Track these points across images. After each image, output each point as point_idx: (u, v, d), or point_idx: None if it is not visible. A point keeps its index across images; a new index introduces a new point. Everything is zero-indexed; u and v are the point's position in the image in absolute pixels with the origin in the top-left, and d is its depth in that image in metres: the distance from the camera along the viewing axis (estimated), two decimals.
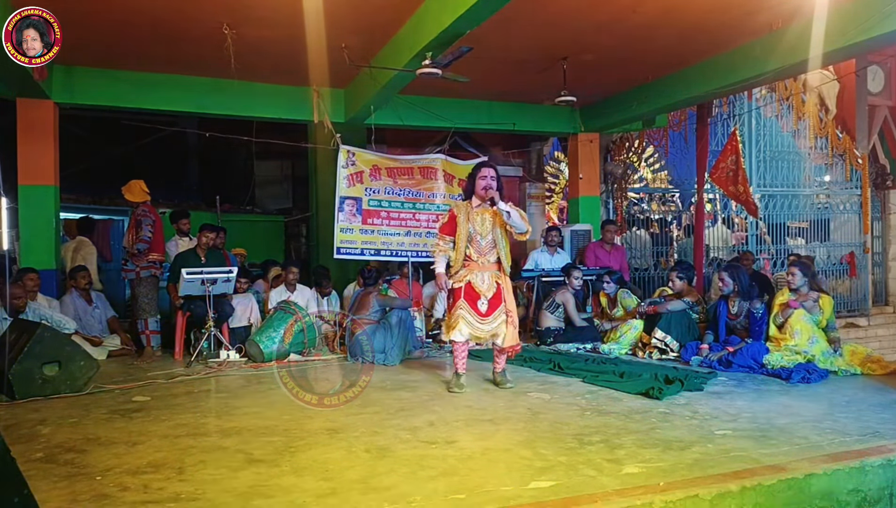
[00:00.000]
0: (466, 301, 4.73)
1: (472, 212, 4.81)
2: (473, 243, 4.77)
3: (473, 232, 4.78)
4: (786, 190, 10.57)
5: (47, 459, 3.29)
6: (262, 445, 3.50)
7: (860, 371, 5.24)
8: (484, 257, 4.79)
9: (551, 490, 2.75)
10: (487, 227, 4.81)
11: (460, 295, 4.75)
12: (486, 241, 4.80)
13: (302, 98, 7.63)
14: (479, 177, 4.76)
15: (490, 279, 4.78)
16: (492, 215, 4.81)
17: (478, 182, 4.77)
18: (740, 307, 5.91)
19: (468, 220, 4.78)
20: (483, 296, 4.73)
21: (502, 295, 4.79)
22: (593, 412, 4.14)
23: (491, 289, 4.76)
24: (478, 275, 4.76)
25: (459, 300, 4.74)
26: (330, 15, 5.51)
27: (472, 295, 4.73)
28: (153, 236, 6.47)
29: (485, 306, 4.73)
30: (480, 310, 4.72)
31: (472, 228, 4.78)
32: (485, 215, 4.81)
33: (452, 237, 4.81)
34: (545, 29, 6.13)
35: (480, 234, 4.79)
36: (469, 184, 4.91)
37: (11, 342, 4.85)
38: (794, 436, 3.49)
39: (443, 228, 4.89)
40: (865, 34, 5.38)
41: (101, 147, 12.72)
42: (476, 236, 4.78)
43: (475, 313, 4.72)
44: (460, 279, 4.77)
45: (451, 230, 4.82)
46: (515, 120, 8.73)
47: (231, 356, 6.19)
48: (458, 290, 4.77)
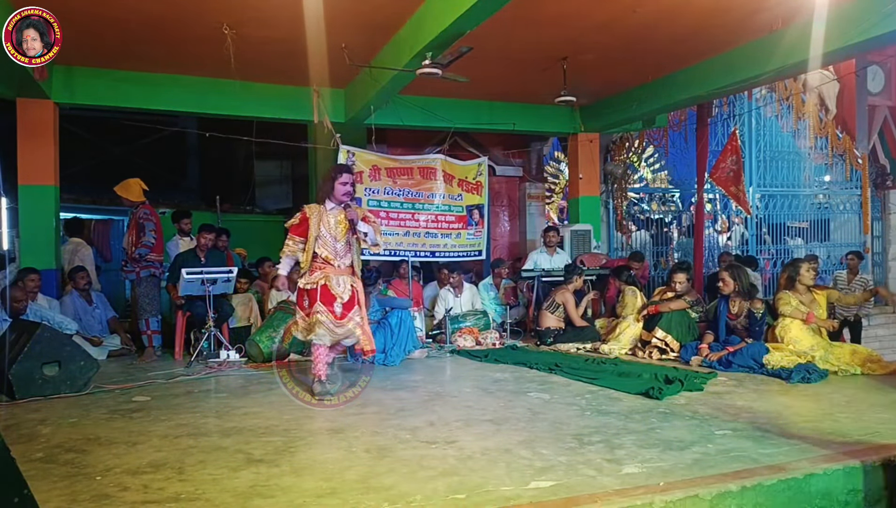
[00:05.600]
0: (323, 304, 4.59)
1: (325, 215, 4.69)
2: (328, 246, 4.66)
3: (328, 235, 4.66)
4: (786, 190, 10.58)
5: (47, 459, 3.30)
6: (262, 445, 3.50)
7: (860, 371, 5.24)
8: (340, 260, 4.69)
9: (551, 490, 2.75)
10: (342, 230, 4.71)
11: (316, 297, 4.60)
12: (342, 244, 4.71)
13: (302, 98, 7.63)
14: (340, 183, 4.67)
15: (345, 283, 4.68)
16: (346, 218, 4.72)
17: (337, 187, 4.67)
18: (740, 307, 5.91)
19: (321, 222, 4.66)
20: (339, 298, 4.63)
21: (356, 298, 4.72)
22: (593, 412, 4.14)
23: (346, 292, 4.67)
24: (333, 278, 4.64)
25: (316, 303, 4.58)
26: (330, 15, 5.51)
27: (329, 297, 4.61)
28: (155, 242, 6.48)
29: (340, 309, 4.63)
30: (336, 312, 4.61)
31: (326, 231, 4.66)
32: (339, 218, 4.71)
33: (303, 239, 4.66)
34: (545, 29, 6.13)
35: (335, 237, 4.68)
36: (326, 186, 4.77)
37: (11, 342, 4.85)
38: (794, 436, 3.49)
39: (294, 228, 4.71)
40: (865, 34, 5.39)
41: (101, 147, 12.73)
42: (330, 239, 4.67)
43: (331, 315, 4.60)
44: (314, 282, 4.63)
45: (303, 232, 4.66)
46: (515, 120, 8.73)
47: (231, 356, 6.19)
48: (312, 291, 4.63)
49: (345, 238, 4.73)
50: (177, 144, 14.05)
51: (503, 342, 7.26)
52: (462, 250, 8.53)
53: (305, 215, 4.69)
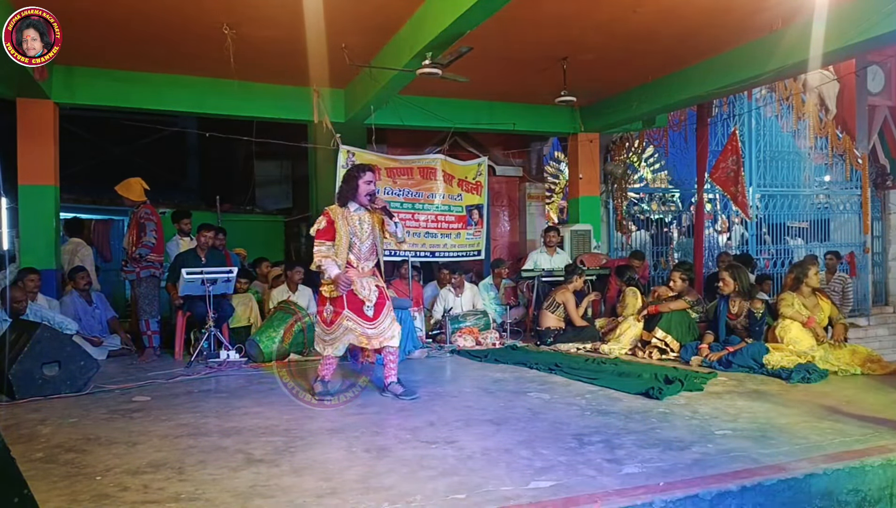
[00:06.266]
0: (352, 311, 4.46)
1: (349, 216, 4.55)
2: (353, 249, 4.52)
3: (353, 237, 4.52)
4: (786, 190, 10.58)
5: (47, 459, 3.30)
6: (262, 445, 3.50)
7: (860, 371, 5.24)
8: (363, 263, 4.58)
9: (551, 490, 2.75)
10: (367, 231, 4.59)
11: (343, 305, 4.45)
12: (366, 246, 4.58)
13: (302, 98, 7.63)
14: (364, 181, 4.51)
15: (370, 285, 4.55)
16: (371, 219, 4.62)
17: (361, 186, 4.51)
18: (741, 307, 5.91)
19: (347, 224, 4.51)
20: (367, 301, 4.49)
21: (385, 295, 4.61)
22: (593, 412, 4.14)
23: (374, 293, 4.54)
24: (358, 282, 4.50)
25: (344, 311, 4.45)
26: (330, 15, 5.51)
27: (356, 303, 4.48)
28: (156, 242, 6.48)
29: (371, 311, 4.50)
30: (367, 315, 4.49)
31: (352, 233, 4.52)
32: (363, 219, 4.59)
33: (332, 242, 4.47)
34: (545, 29, 6.13)
35: (360, 239, 4.55)
36: (349, 186, 4.58)
37: (11, 342, 4.85)
38: (794, 436, 3.49)
39: (320, 233, 4.49)
40: (865, 34, 5.39)
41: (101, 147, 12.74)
42: (356, 242, 4.53)
43: (362, 319, 4.48)
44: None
45: (331, 235, 4.48)
46: (515, 120, 8.73)
47: (231, 356, 6.19)
48: (338, 299, 4.46)
49: (370, 239, 4.61)
50: (177, 144, 14.06)
51: (503, 342, 7.27)
52: (462, 250, 8.53)
53: (330, 218, 4.51)
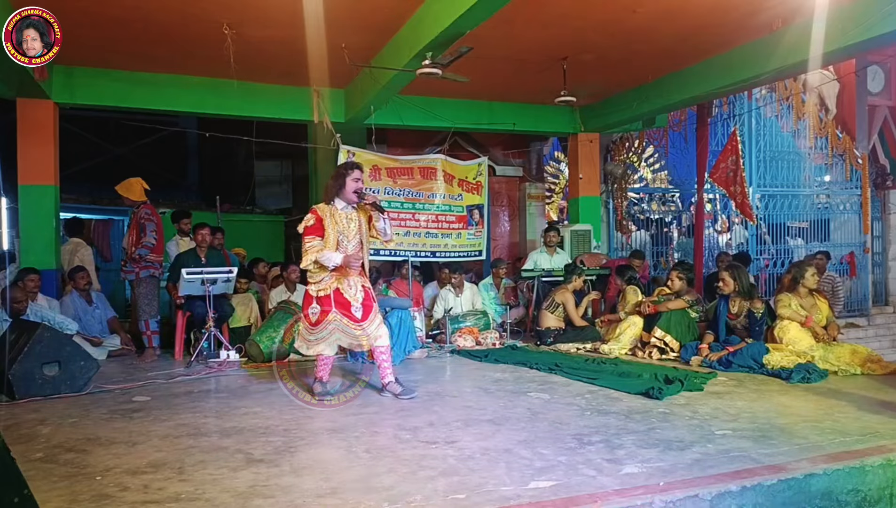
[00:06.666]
0: (339, 311, 4.43)
1: (336, 214, 4.51)
2: (340, 248, 4.46)
3: (341, 236, 4.48)
4: (786, 190, 10.58)
5: (47, 459, 3.29)
6: (262, 445, 3.50)
7: (860, 371, 5.24)
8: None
9: (551, 490, 2.75)
10: (354, 229, 4.55)
11: (330, 304, 4.42)
12: (353, 245, 4.53)
13: (302, 98, 7.63)
14: (352, 179, 4.48)
15: (356, 285, 4.51)
16: (359, 217, 4.59)
17: (349, 183, 4.48)
18: (740, 307, 5.91)
19: (335, 223, 4.48)
20: (354, 302, 4.45)
21: (371, 296, 4.57)
22: (593, 412, 4.13)
23: (360, 293, 4.50)
24: (345, 281, 4.47)
25: (331, 312, 4.42)
26: (330, 15, 5.51)
27: (344, 303, 4.44)
28: (156, 242, 6.47)
29: (359, 313, 4.46)
30: (356, 316, 4.45)
31: (340, 232, 4.48)
32: (350, 217, 4.56)
33: (321, 238, 4.43)
34: (545, 29, 6.13)
35: (347, 237, 4.50)
36: (336, 183, 4.54)
37: (11, 342, 4.85)
38: (794, 436, 3.49)
39: (309, 229, 4.45)
40: (865, 34, 5.38)
41: (101, 147, 12.75)
42: (343, 240, 4.48)
43: (350, 320, 4.44)
44: (326, 288, 4.45)
45: (320, 232, 4.44)
46: (515, 120, 8.73)
47: (231, 356, 6.19)
48: (324, 298, 4.44)
49: (357, 238, 4.58)
50: (177, 144, 14.08)
51: (503, 342, 7.26)
52: (462, 250, 8.54)
53: (318, 215, 4.49)
